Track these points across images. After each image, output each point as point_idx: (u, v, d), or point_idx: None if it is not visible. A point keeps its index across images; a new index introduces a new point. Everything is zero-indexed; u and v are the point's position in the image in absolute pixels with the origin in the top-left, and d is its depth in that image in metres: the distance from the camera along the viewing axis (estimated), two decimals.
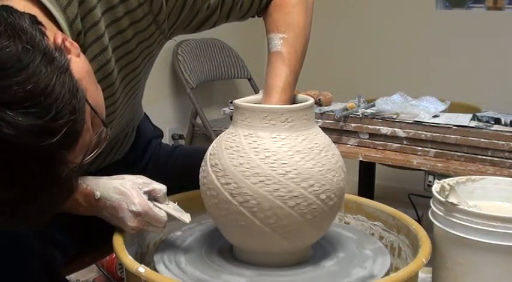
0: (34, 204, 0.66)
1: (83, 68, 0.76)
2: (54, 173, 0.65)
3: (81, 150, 0.70)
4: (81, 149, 0.70)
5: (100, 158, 1.05)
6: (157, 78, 2.63)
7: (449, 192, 0.99)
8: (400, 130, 1.77)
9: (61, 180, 0.66)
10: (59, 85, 0.64)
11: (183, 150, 1.27)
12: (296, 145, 0.85)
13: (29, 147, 0.61)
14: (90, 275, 1.95)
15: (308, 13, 1.02)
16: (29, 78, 0.62)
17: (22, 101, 0.61)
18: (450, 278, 0.94)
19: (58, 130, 0.63)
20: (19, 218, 0.67)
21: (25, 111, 0.61)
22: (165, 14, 0.91)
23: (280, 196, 0.82)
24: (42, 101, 0.62)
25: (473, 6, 2.82)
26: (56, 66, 0.66)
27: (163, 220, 0.90)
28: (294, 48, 0.97)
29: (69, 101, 0.65)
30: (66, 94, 0.65)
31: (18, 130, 0.60)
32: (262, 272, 0.89)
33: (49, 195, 0.66)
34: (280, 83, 0.94)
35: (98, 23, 0.85)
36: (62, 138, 0.63)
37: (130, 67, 0.94)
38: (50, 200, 0.67)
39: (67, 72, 0.67)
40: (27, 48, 0.64)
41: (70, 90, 0.66)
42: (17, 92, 0.61)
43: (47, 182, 0.65)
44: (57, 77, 0.64)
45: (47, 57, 0.65)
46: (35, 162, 0.63)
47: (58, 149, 0.64)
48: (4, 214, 0.66)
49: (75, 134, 0.67)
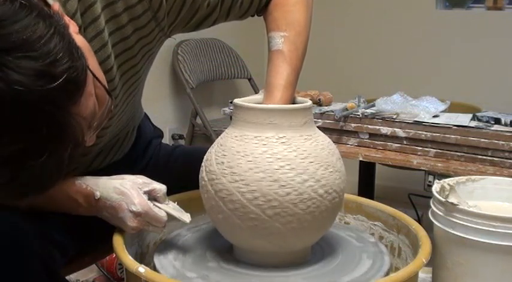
0: (39, 158, 0.65)
1: (82, 41, 0.76)
2: (59, 123, 0.65)
3: (86, 109, 0.70)
4: (86, 108, 0.70)
5: (100, 157, 1.05)
6: (157, 78, 2.63)
7: (449, 192, 0.99)
8: (400, 130, 1.77)
9: (67, 134, 0.66)
10: (58, 36, 0.65)
11: (183, 150, 1.27)
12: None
13: (32, 92, 0.61)
14: (90, 275, 1.95)
15: (308, 11, 1.02)
16: (26, 27, 0.62)
17: (20, 46, 0.61)
18: (450, 278, 0.94)
19: (59, 75, 0.63)
20: (23, 178, 0.66)
21: (25, 56, 0.61)
22: (164, 11, 0.92)
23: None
24: (40, 46, 0.63)
25: (473, 6, 2.82)
26: (55, 21, 0.66)
27: (163, 220, 0.90)
28: (295, 46, 0.97)
29: (68, 51, 0.65)
30: (66, 45, 0.65)
31: (20, 74, 0.61)
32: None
33: (55, 148, 0.66)
34: (282, 81, 0.94)
35: (97, 18, 0.86)
36: (63, 83, 0.63)
37: (129, 64, 0.94)
38: (55, 156, 0.66)
39: (66, 30, 0.68)
40: (24, 4, 0.64)
41: (70, 43, 0.66)
42: (15, 40, 0.61)
43: (52, 132, 0.65)
44: (56, 29, 0.65)
45: (44, 14, 0.66)
46: (38, 110, 0.63)
47: (61, 95, 0.64)
48: (5, 176, 0.65)
49: (77, 83, 0.67)
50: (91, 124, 0.75)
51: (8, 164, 0.64)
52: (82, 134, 0.70)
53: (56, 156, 0.66)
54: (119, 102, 0.96)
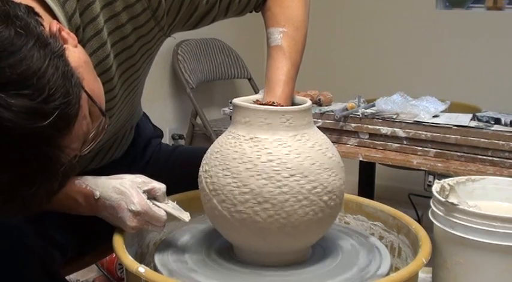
0: (29, 188, 0.65)
1: (80, 57, 0.76)
2: (49, 157, 0.65)
3: (77, 137, 0.70)
4: (78, 136, 0.70)
5: (99, 156, 1.05)
6: (157, 78, 2.63)
7: (449, 192, 0.99)
8: (400, 130, 1.77)
9: (56, 166, 0.66)
10: (52, 68, 0.64)
11: (183, 150, 1.27)
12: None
13: (21, 129, 0.61)
14: (90, 275, 1.95)
15: (306, 6, 1.03)
16: (21, 61, 0.62)
17: (14, 83, 0.61)
18: (450, 278, 0.94)
19: (50, 112, 0.63)
20: (15, 203, 0.66)
21: (17, 93, 0.61)
22: (163, 9, 0.92)
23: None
24: (34, 83, 0.62)
25: (473, 6, 2.82)
26: (50, 51, 0.66)
27: (163, 219, 0.90)
28: (294, 42, 0.98)
29: (62, 84, 0.65)
30: (60, 77, 0.65)
31: (10, 112, 0.60)
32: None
33: (44, 179, 0.66)
34: (283, 76, 0.94)
35: (96, 17, 0.86)
36: (54, 120, 0.63)
37: (128, 63, 0.94)
38: (45, 186, 0.67)
39: (61, 58, 0.67)
40: (20, 32, 0.64)
41: (64, 74, 0.66)
42: (9, 75, 0.61)
43: (42, 166, 0.65)
44: (50, 60, 0.64)
45: (41, 42, 0.65)
46: (28, 145, 0.63)
47: (51, 131, 0.64)
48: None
49: (68, 118, 0.66)
50: (85, 141, 0.74)
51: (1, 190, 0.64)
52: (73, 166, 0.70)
53: (45, 186, 0.67)
54: (117, 101, 0.96)
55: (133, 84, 0.99)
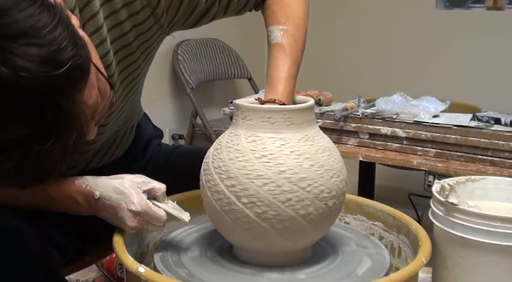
0: (44, 143, 0.66)
1: (84, 35, 0.76)
2: (63, 108, 0.66)
3: (89, 97, 0.71)
4: (89, 97, 0.71)
5: (99, 156, 1.05)
6: (157, 78, 2.63)
7: (449, 192, 0.99)
8: (400, 130, 1.77)
9: (70, 120, 0.67)
10: (62, 25, 0.66)
11: (183, 150, 1.27)
12: (298, 147, 0.85)
13: (37, 78, 0.62)
14: (90, 275, 1.95)
15: (306, 4, 1.03)
16: (31, 16, 0.63)
17: (25, 34, 0.63)
18: (450, 278, 0.94)
19: (64, 62, 0.64)
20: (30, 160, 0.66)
21: (30, 42, 0.62)
22: (163, 7, 0.92)
23: (283, 198, 0.82)
24: (45, 34, 0.64)
25: (473, 6, 2.82)
26: (58, 12, 0.67)
27: (163, 219, 0.90)
28: (294, 39, 0.98)
29: (72, 40, 0.66)
30: (69, 33, 0.66)
31: (26, 61, 0.62)
32: (264, 271, 0.89)
33: (59, 134, 0.67)
34: (284, 73, 0.95)
35: (96, 14, 0.86)
36: (68, 71, 0.64)
37: (128, 60, 0.94)
38: (60, 141, 0.67)
39: (68, 21, 0.68)
40: None
41: (73, 34, 0.67)
42: (20, 27, 0.62)
43: (56, 118, 0.66)
44: (59, 19, 0.66)
45: (48, 4, 0.67)
46: (43, 96, 0.64)
47: (65, 81, 0.65)
48: (11, 161, 0.65)
49: (81, 71, 0.68)
50: (93, 116, 0.75)
51: (14, 149, 0.65)
52: (86, 122, 0.71)
53: (61, 143, 0.68)
54: (118, 99, 0.96)
55: (133, 82, 0.99)
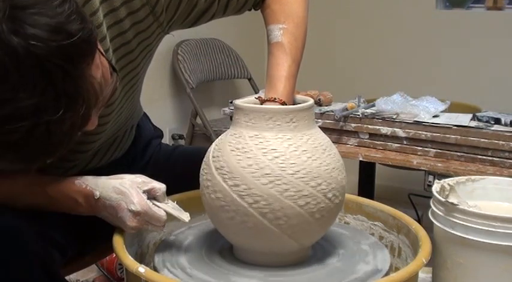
0: (54, 113, 0.66)
1: None
2: (73, 78, 0.67)
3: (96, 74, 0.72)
4: (96, 73, 0.72)
5: (98, 155, 1.05)
6: (157, 78, 2.63)
7: (449, 192, 0.99)
8: (400, 130, 1.77)
9: (79, 92, 0.68)
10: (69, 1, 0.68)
11: (183, 150, 1.27)
12: (302, 145, 0.86)
13: (47, 47, 0.64)
14: (90, 275, 1.95)
15: (306, 3, 1.03)
16: None
17: (36, 5, 0.64)
18: (450, 278, 0.94)
19: (74, 33, 0.66)
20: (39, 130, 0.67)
21: (39, 12, 0.64)
22: (162, 5, 0.92)
23: (290, 196, 0.83)
24: (55, 6, 0.65)
25: (473, 6, 2.82)
26: None
27: (163, 219, 0.90)
28: (294, 38, 0.98)
29: (80, 15, 0.68)
30: (77, 9, 0.68)
31: (37, 28, 0.63)
32: (264, 271, 0.89)
33: (68, 105, 0.67)
34: (284, 72, 0.95)
35: (96, 12, 0.86)
36: (78, 41, 0.66)
37: (127, 58, 0.94)
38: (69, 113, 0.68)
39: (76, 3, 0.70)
40: None
41: (80, 12, 0.69)
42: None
43: (67, 87, 0.67)
44: None
45: None
46: (53, 65, 0.65)
47: (75, 51, 0.67)
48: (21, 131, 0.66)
49: (90, 43, 0.70)
50: (97, 101, 0.76)
51: (24, 118, 0.66)
52: (95, 95, 0.72)
53: (70, 115, 0.68)
54: (117, 98, 0.96)
55: (133, 80, 0.99)
